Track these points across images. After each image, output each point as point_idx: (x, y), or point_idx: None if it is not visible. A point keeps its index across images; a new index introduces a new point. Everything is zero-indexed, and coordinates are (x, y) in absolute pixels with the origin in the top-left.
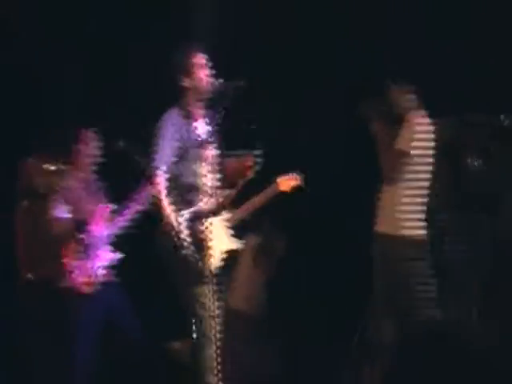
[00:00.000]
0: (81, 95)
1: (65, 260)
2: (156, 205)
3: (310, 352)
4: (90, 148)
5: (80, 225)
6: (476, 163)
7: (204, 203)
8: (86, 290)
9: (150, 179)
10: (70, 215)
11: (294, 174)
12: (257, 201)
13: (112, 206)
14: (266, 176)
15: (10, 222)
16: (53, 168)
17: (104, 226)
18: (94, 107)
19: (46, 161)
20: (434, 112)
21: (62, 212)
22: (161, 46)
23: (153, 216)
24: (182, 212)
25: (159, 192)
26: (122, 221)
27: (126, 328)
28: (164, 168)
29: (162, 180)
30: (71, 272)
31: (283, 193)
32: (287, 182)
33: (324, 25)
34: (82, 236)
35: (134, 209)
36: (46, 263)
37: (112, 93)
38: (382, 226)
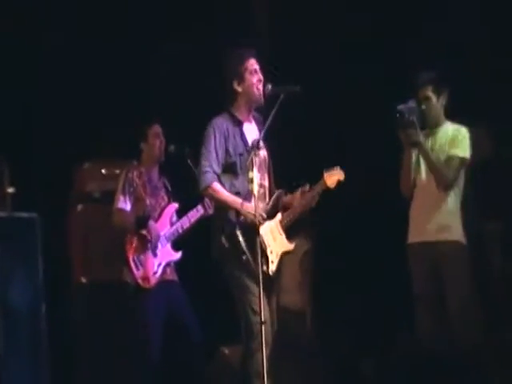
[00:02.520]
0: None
1: (127, 254)
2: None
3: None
4: (158, 143)
5: (142, 220)
6: None
7: (257, 208)
8: (147, 285)
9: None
10: (131, 208)
11: (338, 169)
12: (307, 198)
13: (177, 205)
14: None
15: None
16: (107, 172)
17: (168, 224)
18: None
19: (101, 165)
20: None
21: (125, 204)
22: (213, 51)
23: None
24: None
25: (217, 192)
26: (187, 222)
27: (183, 327)
28: (213, 169)
29: (215, 185)
30: (133, 267)
31: (328, 189)
32: (333, 177)
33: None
34: (144, 231)
35: (200, 213)
36: (100, 266)
37: (162, 96)
38: (425, 235)
